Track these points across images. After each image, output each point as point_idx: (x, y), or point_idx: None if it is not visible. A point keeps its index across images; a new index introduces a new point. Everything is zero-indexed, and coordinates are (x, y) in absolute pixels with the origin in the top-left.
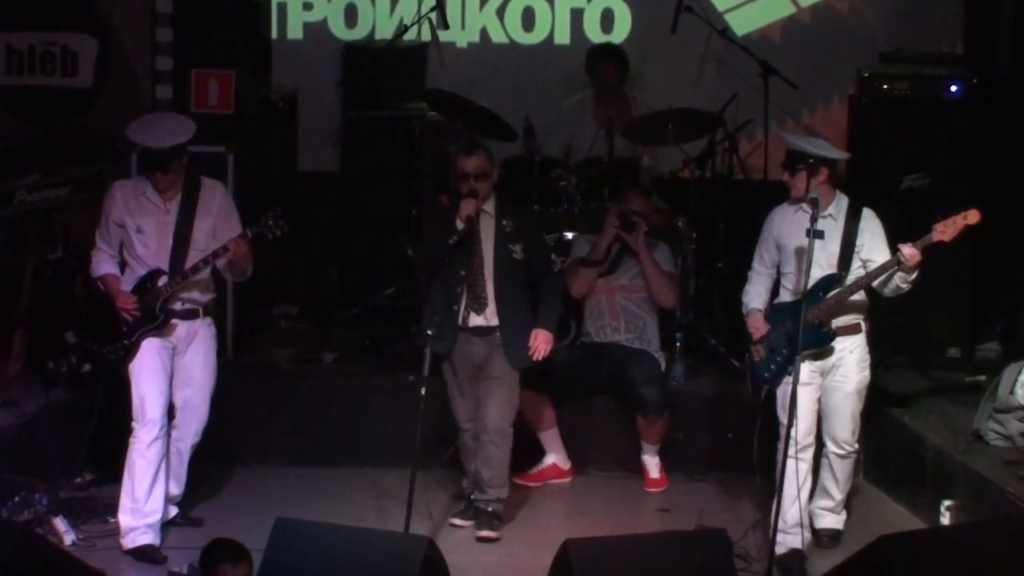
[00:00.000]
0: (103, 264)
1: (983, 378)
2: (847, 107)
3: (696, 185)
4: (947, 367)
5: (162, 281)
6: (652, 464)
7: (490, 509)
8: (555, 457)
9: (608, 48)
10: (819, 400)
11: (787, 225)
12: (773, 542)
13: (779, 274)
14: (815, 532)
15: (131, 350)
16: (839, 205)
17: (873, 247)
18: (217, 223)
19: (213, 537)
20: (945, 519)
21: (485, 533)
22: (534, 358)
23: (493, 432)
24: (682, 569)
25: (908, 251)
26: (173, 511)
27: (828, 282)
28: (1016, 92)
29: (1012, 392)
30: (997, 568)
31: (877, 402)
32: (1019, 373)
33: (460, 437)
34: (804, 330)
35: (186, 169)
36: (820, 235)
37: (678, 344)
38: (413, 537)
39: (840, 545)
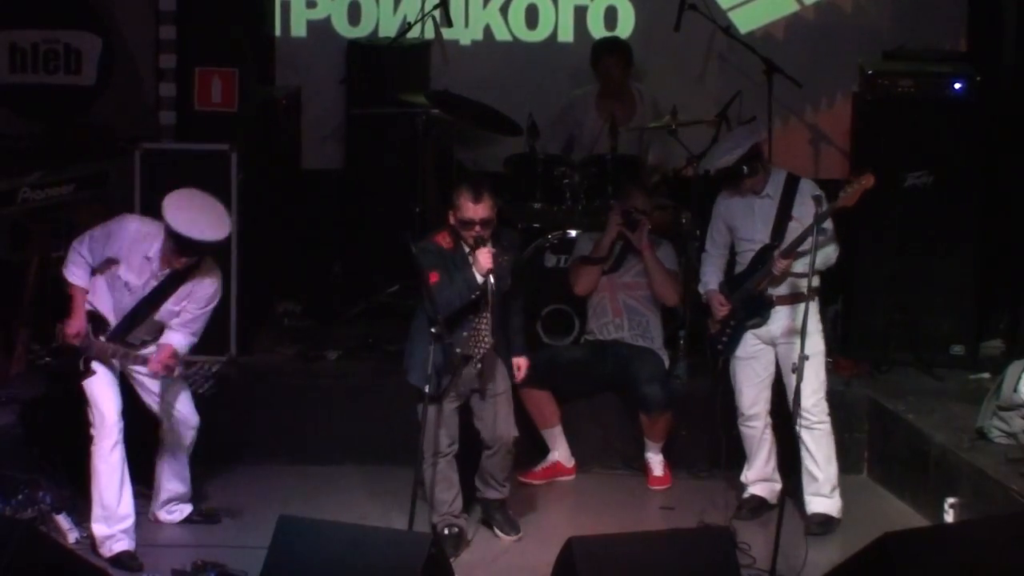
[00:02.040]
0: (78, 269)
1: (987, 375)
2: (851, 105)
3: (699, 182)
4: (951, 364)
5: (102, 337)
6: (656, 462)
7: (502, 506)
8: (559, 454)
9: (613, 42)
10: (776, 373)
11: (734, 208)
12: (777, 539)
13: (733, 254)
14: (807, 519)
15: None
16: (775, 181)
17: (802, 216)
18: (186, 307)
19: (222, 535)
20: (949, 516)
21: (514, 537)
22: (517, 382)
23: (508, 443)
24: (686, 567)
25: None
26: (188, 508)
27: (763, 253)
28: (1020, 89)
29: (1016, 389)
30: (1001, 565)
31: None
32: (1023, 370)
33: (435, 465)
34: (746, 300)
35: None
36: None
37: (681, 342)
38: (416, 535)
39: (833, 532)
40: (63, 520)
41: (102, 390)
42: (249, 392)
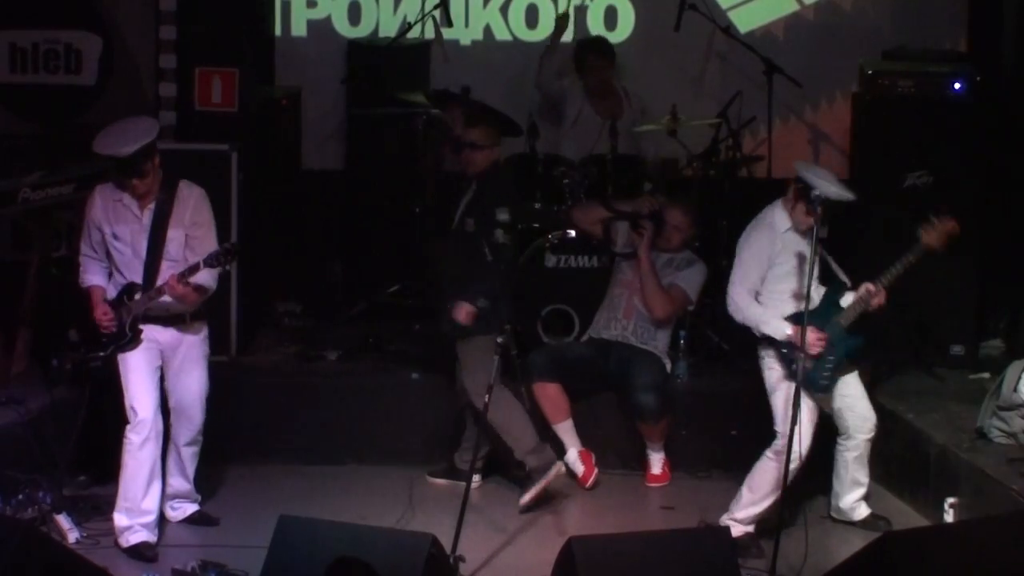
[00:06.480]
0: (91, 275)
1: (987, 375)
2: (850, 104)
3: (699, 183)
4: (951, 364)
5: (137, 295)
6: (655, 459)
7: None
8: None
9: (598, 41)
10: (820, 405)
11: (781, 246)
12: (777, 539)
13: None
14: (863, 524)
15: (108, 361)
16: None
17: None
18: (189, 233)
19: (222, 535)
20: (949, 516)
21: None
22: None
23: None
24: (685, 566)
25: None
26: (191, 508)
27: (837, 290)
28: (1020, 89)
29: (1016, 389)
30: (1001, 565)
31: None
32: (1023, 370)
33: None
34: (842, 338)
35: (162, 171)
36: (810, 252)
37: (682, 342)
38: (416, 534)
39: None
40: (63, 520)
41: (139, 385)
42: (249, 391)
